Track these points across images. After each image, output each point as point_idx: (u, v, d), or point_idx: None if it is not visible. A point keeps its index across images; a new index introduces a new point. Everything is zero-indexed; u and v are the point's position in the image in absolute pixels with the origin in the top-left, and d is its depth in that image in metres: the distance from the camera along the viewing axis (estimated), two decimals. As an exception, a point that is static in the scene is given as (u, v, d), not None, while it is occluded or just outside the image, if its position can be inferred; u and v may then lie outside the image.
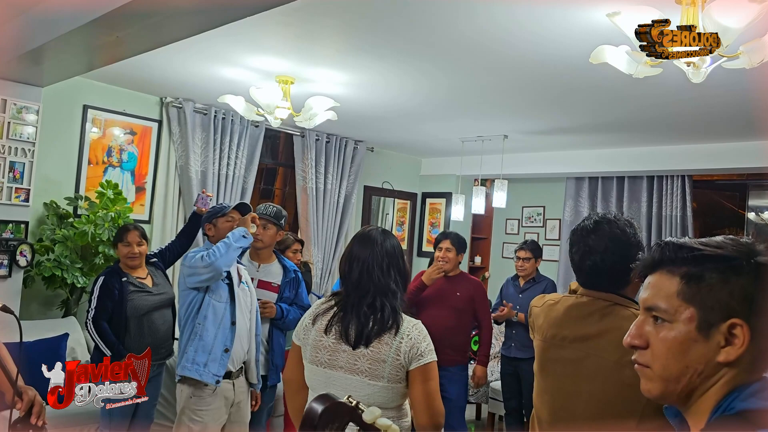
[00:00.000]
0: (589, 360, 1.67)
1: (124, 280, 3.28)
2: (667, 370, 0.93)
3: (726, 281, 0.91)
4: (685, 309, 0.92)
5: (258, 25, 3.08)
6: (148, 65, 4.05)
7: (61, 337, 3.92)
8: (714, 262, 0.93)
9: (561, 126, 5.10)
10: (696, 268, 0.93)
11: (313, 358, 1.96)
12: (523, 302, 4.65)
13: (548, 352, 1.80)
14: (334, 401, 0.80)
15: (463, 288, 4.02)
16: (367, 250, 1.98)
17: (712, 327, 0.90)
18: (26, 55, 3.38)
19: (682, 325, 0.92)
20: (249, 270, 3.45)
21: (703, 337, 0.91)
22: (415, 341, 1.88)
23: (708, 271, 0.92)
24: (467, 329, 4.07)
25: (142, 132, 4.98)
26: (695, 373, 0.91)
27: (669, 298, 0.94)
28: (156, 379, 3.44)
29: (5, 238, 3.97)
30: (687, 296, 0.92)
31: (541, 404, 1.81)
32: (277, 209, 3.59)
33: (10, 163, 3.96)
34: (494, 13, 2.84)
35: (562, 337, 1.75)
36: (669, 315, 0.93)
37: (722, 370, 0.90)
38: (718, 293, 0.91)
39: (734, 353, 0.89)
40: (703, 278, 0.92)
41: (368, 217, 6.87)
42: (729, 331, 0.89)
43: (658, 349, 0.93)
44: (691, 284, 0.93)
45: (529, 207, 7.15)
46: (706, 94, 3.76)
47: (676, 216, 5.79)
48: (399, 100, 4.60)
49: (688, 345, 0.91)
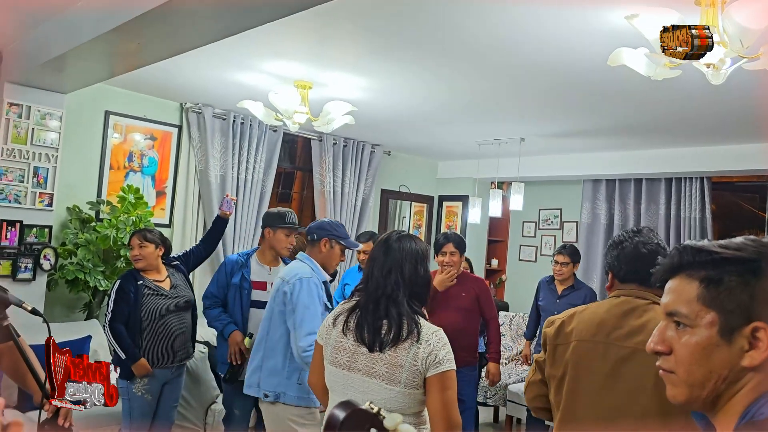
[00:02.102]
0: (637, 355, 1.73)
1: (139, 284, 3.32)
2: (691, 375, 0.91)
3: (746, 284, 0.89)
4: (706, 313, 0.91)
5: (276, 31, 3.11)
6: (168, 71, 4.11)
7: (84, 339, 3.98)
8: (733, 264, 0.91)
9: (578, 128, 5.08)
10: (715, 272, 0.91)
11: (332, 359, 1.97)
12: (561, 309, 4.60)
13: (589, 352, 1.85)
14: (355, 408, 0.82)
15: (468, 288, 4.00)
16: (382, 254, 1.99)
17: (734, 331, 0.89)
18: (49, 62, 3.45)
19: (704, 329, 0.91)
20: (260, 273, 3.55)
21: (726, 341, 0.89)
22: (434, 348, 1.85)
23: (727, 274, 0.91)
24: (476, 329, 4.03)
25: (163, 137, 5.04)
26: (720, 378, 0.89)
27: (689, 303, 0.92)
28: (176, 381, 3.48)
29: (29, 242, 4.05)
30: (707, 300, 0.91)
31: (576, 404, 1.84)
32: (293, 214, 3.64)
33: (34, 168, 4.03)
34: (511, 16, 2.84)
35: (606, 334, 1.83)
36: (690, 320, 0.92)
37: (747, 375, 0.88)
38: (739, 296, 0.89)
39: (759, 357, 0.87)
40: (722, 281, 0.91)
41: (385, 220, 6.89)
42: (752, 334, 0.88)
43: (681, 354, 0.92)
44: (710, 288, 0.91)
45: (546, 209, 7.13)
46: (725, 96, 3.72)
47: (695, 218, 5.73)
48: (416, 104, 4.61)
49: (710, 350, 0.90)
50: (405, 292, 1.93)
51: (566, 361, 1.89)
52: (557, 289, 4.69)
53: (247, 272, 3.52)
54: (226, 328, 3.48)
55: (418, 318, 1.91)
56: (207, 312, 3.57)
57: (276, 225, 3.51)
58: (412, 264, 1.97)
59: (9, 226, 3.96)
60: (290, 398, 2.69)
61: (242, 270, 3.52)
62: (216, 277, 3.62)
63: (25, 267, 4.04)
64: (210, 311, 3.56)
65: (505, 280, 7.41)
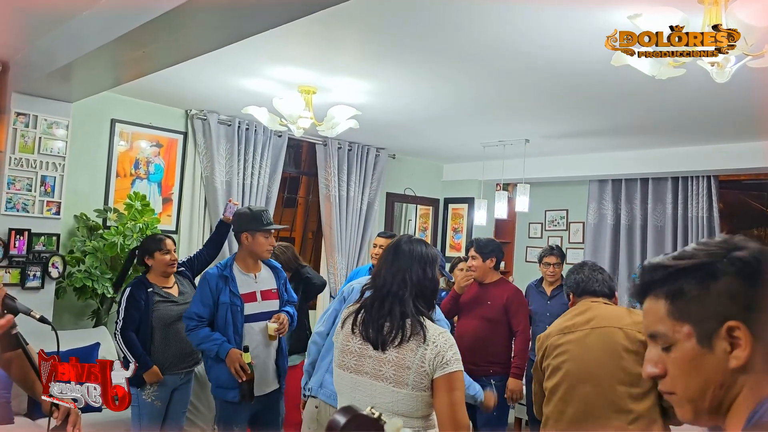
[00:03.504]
0: (594, 331, 2.42)
1: (150, 291, 3.33)
2: (689, 390, 0.92)
3: (707, 288, 0.90)
4: (681, 327, 0.91)
5: (280, 37, 3.12)
6: (173, 79, 4.13)
7: (93, 346, 4.00)
8: (689, 273, 0.92)
9: (583, 129, 5.07)
10: (675, 285, 0.92)
11: (340, 362, 1.98)
12: (553, 309, 4.59)
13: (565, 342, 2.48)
14: (356, 413, 0.82)
15: (495, 296, 3.87)
16: (390, 257, 2.01)
17: (712, 336, 0.89)
18: (56, 72, 3.48)
19: (685, 343, 0.91)
20: (247, 283, 3.20)
21: (708, 348, 0.89)
22: (441, 349, 1.85)
23: (687, 284, 0.91)
24: (504, 339, 3.85)
25: (168, 144, 5.07)
26: (716, 385, 0.90)
27: (663, 321, 0.93)
28: (185, 386, 3.49)
29: (38, 251, 4.07)
30: (677, 314, 0.92)
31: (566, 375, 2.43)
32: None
33: (41, 177, 4.06)
34: (514, 17, 2.84)
35: (572, 326, 2.52)
36: (669, 337, 0.93)
37: (741, 377, 0.89)
38: (704, 302, 0.90)
39: (743, 355, 0.87)
40: (684, 293, 0.91)
41: (391, 223, 6.89)
42: (729, 334, 0.88)
43: (674, 372, 0.93)
44: (676, 302, 0.92)
45: (552, 210, 7.11)
46: (730, 94, 3.71)
47: (703, 217, 5.70)
48: (420, 107, 4.62)
49: (697, 361, 0.90)
50: (411, 292, 1.94)
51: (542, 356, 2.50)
52: (546, 290, 4.68)
53: (234, 287, 3.13)
54: (221, 348, 3.05)
55: (424, 319, 1.92)
56: (193, 333, 3.10)
57: (253, 228, 3.16)
58: (422, 267, 1.98)
59: (17, 235, 3.99)
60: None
61: (228, 285, 3.12)
62: (199, 296, 3.14)
63: (33, 275, 4.06)
64: (197, 332, 3.09)
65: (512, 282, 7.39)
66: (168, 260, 3.42)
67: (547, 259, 4.65)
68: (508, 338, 3.89)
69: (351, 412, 0.84)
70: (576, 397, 2.34)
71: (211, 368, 3.17)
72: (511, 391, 3.84)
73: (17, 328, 1.82)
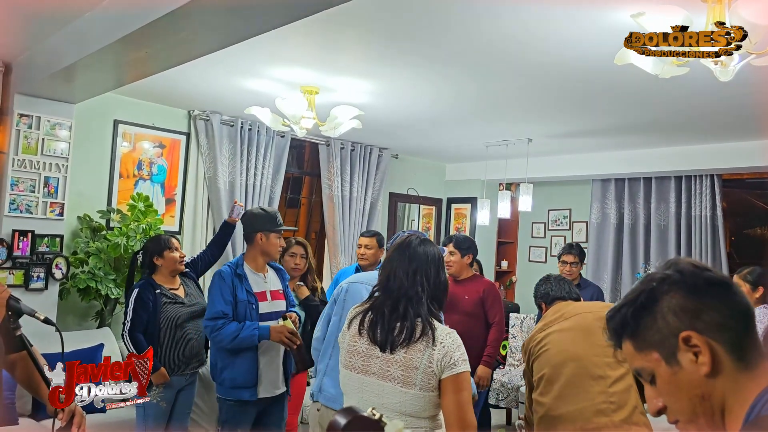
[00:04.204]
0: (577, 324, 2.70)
1: (157, 292, 3.33)
2: (683, 412, 0.97)
3: (652, 313, 0.98)
4: (649, 356, 0.98)
5: (282, 38, 3.12)
6: (176, 79, 4.13)
7: (97, 347, 4.00)
8: (634, 305, 1.00)
9: (586, 128, 5.06)
10: (630, 323, 1.01)
11: (347, 362, 1.98)
12: None
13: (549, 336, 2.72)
14: (357, 414, 0.83)
15: (472, 291, 3.97)
16: (397, 256, 2.01)
17: (675, 353, 0.95)
18: (59, 73, 3.48)
19: (659, 368, 0.98)
20: (258, 283, 3.23)
21: (677, 365, 0.95)
22: (449, 350, 1.86)
23: (636, 318, 1.00)
24: (482, 333, 3.95)
25: (171, 145, 5.07)
26: (699, 399, 0.94)
27: (635, 358, 1.01)
28: (189, 388, 3.49)
29: (41, 252, 4.08)
30: (641, 347, 1.00)
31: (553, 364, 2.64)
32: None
33: (44, 178, 4.07)
34: (516, 16, 2.84)
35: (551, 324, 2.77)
36: (648, 369, 0.99)
37: (717, 382, 0.93)
38: (656, 326, 0.97)
39: (707, 359, 0.92)
40: (637, 327, 1.00)
41: (394, 223, 6.88)
42: (687, 344, 0.94)
43: (666, 400, 0.98)
44: (635, 337, 1.00)
45: (555, 210, 7.10)
46: (734, 92, 3.70)
47: (706, 216, 5.69)
48: (423, 107, 4.61)
49: (675, 380, 0.96)
50: (428, 294, 1.95)
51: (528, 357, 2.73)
52: None
53: (248, 285, 3.17)
54: (261, 329, 3.05)
55: (433, 321, 1.92)
56: (223, 331, 3.05)
57: (268, 229, 3.21)
58: (436, 268, 2.00)
59: (21, 236, 3.99)
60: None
61: (244, 284, 3.16)
62: (220, 293, 3.12)
63: (37, 276, 4.07)
64: (226, 329, 3.05)
65: (515, 282, 7.39)
66: (178, 257, 3.44)
67: (565, 257, 4.64)
68: (484, 331, 3.99)
69: (352, 413, 0.84)
70: (561, 376, 2.55)
71: (224, 369, 3.13)
72: (479, 377, 3.92)
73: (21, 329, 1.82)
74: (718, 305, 0.95)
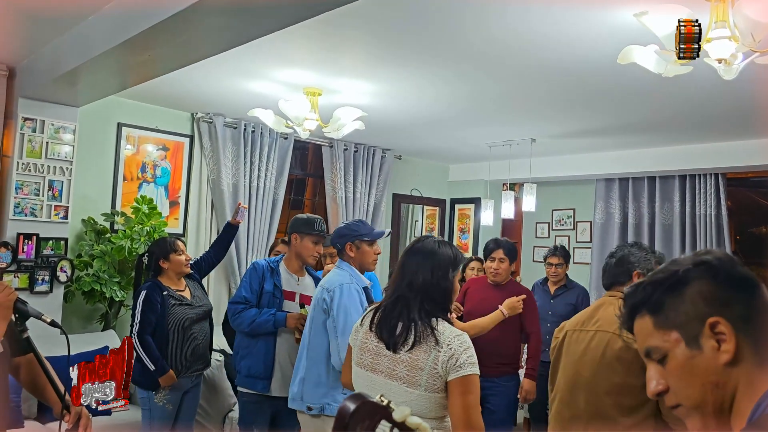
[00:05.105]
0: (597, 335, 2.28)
1: (165, 294, 3.33)
2: (690, 398, 0.95)
3: (681, 294, 0.97)
4: (668, 335, 0.97)
5: (285, 40, 3.12)
6: (179, 82, 4.14)
7: (102, 350, 4.00)
8: (661, 285, 0.99)
9: (589, 128, 5.06)
10: (654, 298, 0.99)
11: (358, 360, 2.00)
12: (555, 308, 4.61)
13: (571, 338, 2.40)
14: (365, 399, 0.84)
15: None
16: (409, 258, 2.01)
17: (698, 337, 0.94)
18: (62, 77, 3.49)
19: (676, 350, 0.96)
20: (290, 283, 3.36)
21: (697, 349, 0.94)
22: (455, 352, 1.85)
23: (663, 294, 0.98)
24: (514, 339, 3.86)
25: (175, 147, 5.08)
26: (712, 386, 0.93)
27: (652, 335, 0.99)
28: (195, 390, 3.49)
29: (46, 255, 4.09)
30: (662, 324, 0.98)
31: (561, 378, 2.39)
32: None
33: (49, 181, 4.08)
34: (520, 16, 2.84)
35: (582, 323, 2.40)
36: (662, 349, 0.98)
37: (734, 372, 0.92)
38: (682, 307, 0.96)
39: (731, 347, 0.92)
40: (663, 303, 0.98)
41: (398, 224, 6.89)
42: (713, 331, 0.93)
43: (674, 383, 0.97)
44: (658, 314, 0.98)
45: (559, 210, 7.09)
46: (738, 91, 3.69)
47: (711, 215, 5.67)
48: (426, 108, 4.61)
49: (690, 364, 0.95)
50: (430, 296, 1.94)
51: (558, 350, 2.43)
52: (550, 289, 4.75)
53: (278, 280, 3.33)
54: (277, 317, 3.20)
55: (438, 322, 1.92)
56: (241, 315, 3.25)
57: (304, 231, 3.33)
58: (444, 270, 1.98)
59: (26, 240, 4.01)
60: (335, 410, 2.53)
61: (274, 278, 3.32)
62: (248, 281, 3.34)
63: (42, 279, 4.08)
64: (245, 314, 3.25)
65: (519, 282, 7.38)
66: (184, 260, 3.45)
67: (550, 259, 4.75)
68: (518, 339, 3.90)
69: (360, 398, 0.86)
70: (573, 402, 2.31)
71: (243, 359, 3.30)
72: (526, 391, 3.85)
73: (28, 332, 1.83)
74: (747, 299, 0.95)
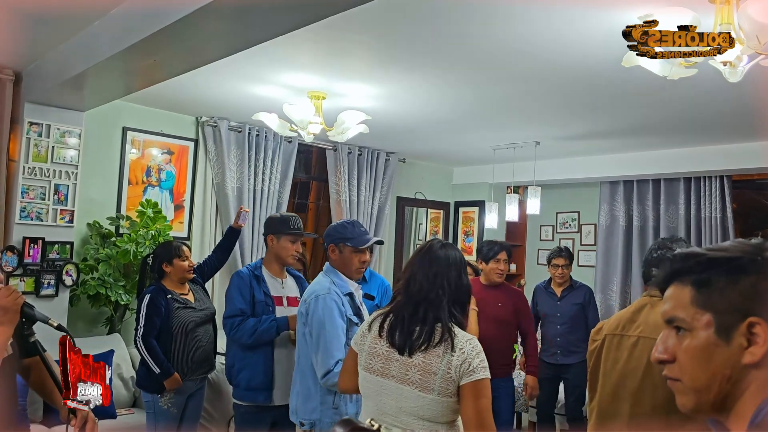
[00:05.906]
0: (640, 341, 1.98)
1: (169, 297, 3.34)
2: (696, 380, 0.92)
3: (734, 282, 0.91)
4: (701, 316, 0.92)
5: (289, 44, 3.13)
6: (184, 86, 4.15)
7: (107, 353, 4.01)
8: (720, 265, 0.93)
9: (594, 130, 5.05)
10: (704, 274, 0.94)
11: (367, 365, 1.97)
12: (563, 310, 4.60)
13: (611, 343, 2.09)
14: (355, 425, 0.83)
15: (506, 299, 3.95)
16: (418, 260, 2.01)
17: (731, 329, 0.90)
18: (68, 81, 3.51)
19: (702, 332, 0.92)
20: (275, 287, 3.26)
21: (724, 341, 0.90)
22: (468, 356, 1.85)
23: (715, 274, 0.93)
24: (510, 340, 3.97)
25: (179, 151, 5.10)
26: (724, 378, 0.90)
27: (685, 308, 0.94)
28: (199, 393, 3.49)
29: (52, 259, 4.10)
30: (700, 303, 0.93)
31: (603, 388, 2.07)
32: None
33: (54, 185, 4.10)
34: (523, 19, 2.84)
35: (623, 327, 2.08)
36: (688, 324, 0.93)
37: (752, 373, 0.89)
38: (729, 295, 0.91)
39: (759, 352, 0.88)
40: (711, 282, 0.92)
41: (402, 228, 6.88)
42: (749, 330, 0.88)
43: (684, 359, 0.93)
44: (701, 290, 0.93)
45: (563, 213, 7.08)
46: (743, 93, 3.68)
47: (716, 218, 5.66)
48: (430, 111, 4.61)
49: (711, 351, 0.91)
50: (450, 298, 1.94)
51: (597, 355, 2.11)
52: (556, 291, 4.71)
53: (266, 287, 3.22)
54: (279, 322, 3.10)
55: (453, 326, 1.91)
56: (242, 327, 3.11)
57: (280, 231, 3.22)
58: (457, 272, 1.99)
59: (32, 244, 4.02)
60: (326, 425, 2.53)
61: (261, 286, 3.21)
62: (239, 292, 3.18)
63: (47, 283, 4.09)
64: (244, 324, 3.11)
65: (524, 285, 7.37)
66: (187, 266, 3.45)
67: (556, 260, 4.69)
68: (513, 340, 4.02)
69: (350, 424, 0.85)
70: (616, 413, 2.04)
71: (241, 370, 3.15)
72: (531, 388, 4.04)
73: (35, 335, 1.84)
74: None
